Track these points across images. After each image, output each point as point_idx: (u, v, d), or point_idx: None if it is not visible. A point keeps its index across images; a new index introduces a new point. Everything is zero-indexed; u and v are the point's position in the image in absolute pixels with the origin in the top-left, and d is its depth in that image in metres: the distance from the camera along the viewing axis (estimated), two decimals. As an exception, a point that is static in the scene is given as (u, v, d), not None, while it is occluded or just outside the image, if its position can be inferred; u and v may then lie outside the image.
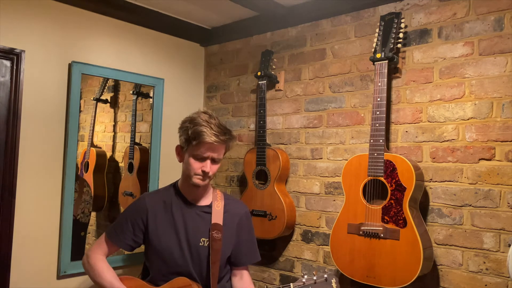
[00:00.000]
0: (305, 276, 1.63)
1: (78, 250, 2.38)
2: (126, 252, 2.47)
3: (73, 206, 2.35)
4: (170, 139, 2.75)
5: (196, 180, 1.79)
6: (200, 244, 1.82)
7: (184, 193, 1.88)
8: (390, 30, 2.03)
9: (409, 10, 2.12)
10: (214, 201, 1.89)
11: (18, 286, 2.13)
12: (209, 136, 1.72)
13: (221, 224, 1.84)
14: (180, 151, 1.85)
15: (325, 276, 1.62)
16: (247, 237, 1.95)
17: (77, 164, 2.37)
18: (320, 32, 2.47)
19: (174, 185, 1.94)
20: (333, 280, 1.62)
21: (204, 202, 1.89)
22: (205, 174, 1.78)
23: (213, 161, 1.79)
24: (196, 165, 1.77)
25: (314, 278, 1.62)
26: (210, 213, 1.86)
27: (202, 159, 1.77)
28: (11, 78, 2.11)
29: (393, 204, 1.91)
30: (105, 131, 2.66)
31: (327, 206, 2.38)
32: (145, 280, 1.90)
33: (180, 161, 1.87)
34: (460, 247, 1.92)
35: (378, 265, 1.93)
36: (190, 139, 1.75)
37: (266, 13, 2.59)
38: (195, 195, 1.88)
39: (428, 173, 2.02)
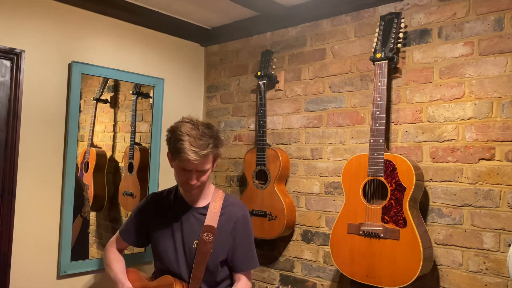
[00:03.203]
0: None
1: (83, 249, 2.43)
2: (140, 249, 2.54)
3: (83, 205, 2.42)
4: (170, 139, 2.75)
5: (185, 188, 1.81)
6: (193, 246, 1.82)
7: (183, 195, 1.89)
8: (390, 30, 2.03)
9: (409, 10, 2.12)
10: (211, 202, 1.87)
11: (18, 286, 2.13)
12: (188, 153, 1.65)
13: (215, 226, 1.82)
14: (170, 159, 1.83)
15: None
16: (243, 242, 1.89)
17: (77, 164, 2.37)
18: (320, 32, 2.47)
19: (176, 186, 1.95)
20: None
21: (202, 203, 1.89)
22: (191, 185, 1.77)
23: (199, 172, 1.75)
24: (182, 177, 1.76)
25: None
26: (205, 214, 1.85)
27: (186, 171, 1.74)
28: (11, 78, 2.11)
29: (393, 204, 1.91)
30: (105, 131, 2.66)
31: (327, 206, 2.38)
32: (151, 275, 1.97)
33: (172, 167, 1.85)
34: (460, 247, 1.92)
35: (378, 265, 1.93)
36: (173, 153, 1.73)
37: (266, 13, 2.59)
38: (192, 197, 1.88)
39: (428, 173, 2.02)
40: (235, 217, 1.88)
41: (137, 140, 2.73)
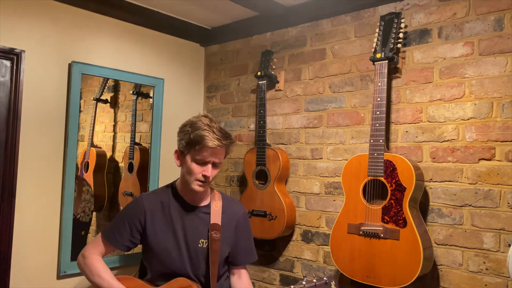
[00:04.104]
0: (305, 279, 1.61)
1: (78, 250, 2.37)
2: (125, 253, 2.46)
3: (74, 205, 2.35)
4: (170, 139, 2.75)
5: (196, 186, 1.78)
6: (199, 245, 1.82)
7: (183, 195, 1.87)
8: (390, 30, 2.03)
9: (409, 10, 2.12)
10: (212, 201, 1.89)
11: (18, 286, 2.13)
12: (212, 140, 1.71)
13: (220, 224, 1.85)
14: (180, 156, 1.83)
15: (325, 278, 1.61)
16: (245, 237, 1.95)
17: (77, 164, 2.37)
18: (320, 32, 2.47)
19: (172, 186, 1.92)
20: (333, 283, 1.62)
21: (203, 203, 1.89)
22: (206, 179, 1.77)
23: (214, 165, 1.79)
24: (197, 170, 1.76)
25: (314, 281, 1.60)
26: (209, 213, 1.86)
27: (203, 163, 1.76)
28: (11, 78, 2.11)
29: (393, 204, 1.91)
30: (105, 131, 2.66)
31: (327, 206, 2.38)
32: (144, 280, 1.90)
33: (179, 166, 1.84)
34: (460, 247, 1.92)
35: (378, 265, 1.93)
36: (192, 144, 1.74)
37: (266, 13, 2.59)
38: (194, 197, 1.87)
39: (428, 173, 2.02)
40: (237, 214, 1.93)
41: (137, 140, 2.73)
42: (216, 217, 1.85)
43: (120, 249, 1.87)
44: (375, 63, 2.02)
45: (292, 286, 1.59)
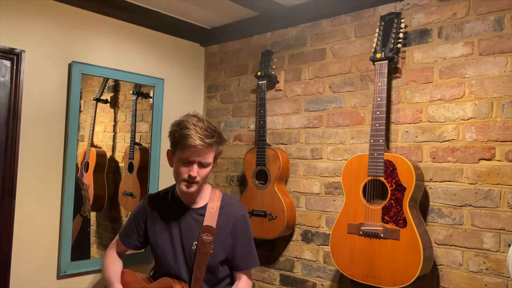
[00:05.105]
0: None
1: (83, 248, 2.44)
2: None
3: (83, 205, 2.41)
4: (170, 139, 2.75)
5: (183, 187, 1.76)
6: (193, 247, 1.80)
7: (180, 196, 1.87)
8: (390, 30, 2.03)
9: (409, 10, 2.12)
10: (209, 202, 1.86)
11: (18, 286, 2.13)
12: (193, 139, 1.67)
13: (214, 226, 1.81)
14: (171, 156, 1.83)
15: None
16: (243, 241, 1.88)
17: (77, 164, 2.37)
18: (320, 32, 2.47)
19: (174, 187, 1.93)
20: None
21: (200, 204, 1.87)
22: (191, 179, 1.74)
23: (201, 165, 1.75)
24: (183, 170, 1.74)
25: None
26: (204, 215, 1.83)
27: (188, 163, 1.73)
28: (11, 78, 2.11)
29: (393, 204, 1.91)
30: (105, 131, 2.66)
31: (327, 206, 2.38)
32: (147, 275, 1.96)
33: (171, 166, 1.84)
34: (460, 247, 1.92)
35: (378, 265, 1.93)
36: (176, 143, 1.73)
37: (266, 13, 2.59)
38: (190, 198, 1.86)
39: (428, 173, 2.02)
40: (235, 217, 1.87)
41: (137, 140, 2.73)
42: (210, 219, 1.81)
43: (131, 249, 1.97)
44: (375, 63, 2.02)
45: None
